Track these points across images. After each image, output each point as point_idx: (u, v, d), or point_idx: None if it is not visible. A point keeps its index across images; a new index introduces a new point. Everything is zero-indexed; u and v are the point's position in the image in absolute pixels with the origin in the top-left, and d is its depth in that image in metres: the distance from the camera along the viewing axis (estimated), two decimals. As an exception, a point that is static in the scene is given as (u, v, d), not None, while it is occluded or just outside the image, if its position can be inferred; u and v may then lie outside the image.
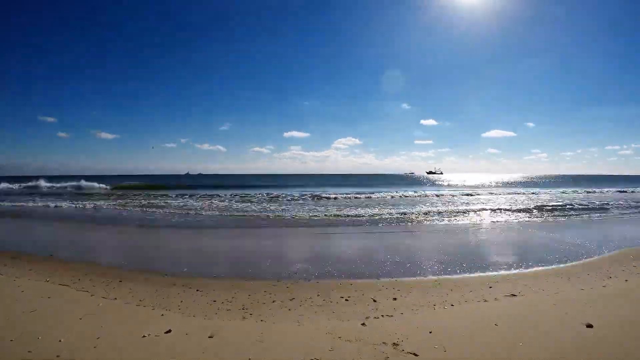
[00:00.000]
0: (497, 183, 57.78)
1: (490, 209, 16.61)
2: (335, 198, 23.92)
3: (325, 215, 14.43)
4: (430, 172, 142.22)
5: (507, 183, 58.79)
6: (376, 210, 15.82)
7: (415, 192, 29.72)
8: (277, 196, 25.15)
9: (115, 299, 4.74)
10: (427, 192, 29.20)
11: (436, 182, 62.80)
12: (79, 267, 6.46)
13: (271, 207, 17.62)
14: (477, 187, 42.61)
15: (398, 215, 14.41)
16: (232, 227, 11.88)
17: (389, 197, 25.60)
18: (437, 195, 26.51)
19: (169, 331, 3.63)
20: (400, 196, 26.17)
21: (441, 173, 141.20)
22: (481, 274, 6.07)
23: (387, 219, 13.34)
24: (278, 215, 14.46)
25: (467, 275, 5.99)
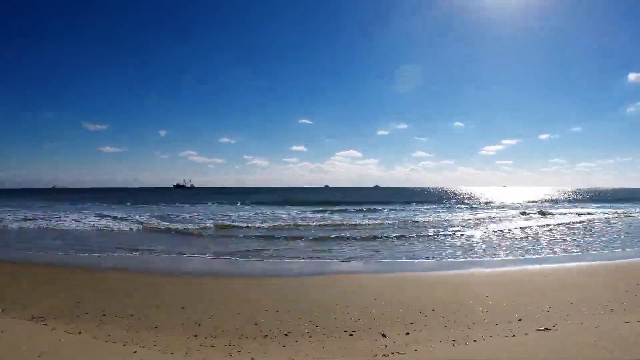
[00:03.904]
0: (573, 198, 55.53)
1: None
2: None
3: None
4: (178, 185, 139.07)
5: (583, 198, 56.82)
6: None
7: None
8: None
9: (80, 333, 4.63)
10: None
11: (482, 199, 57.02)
12: (38, 296, 6.33)
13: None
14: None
15: None
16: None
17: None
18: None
19: (142, 372, 3.50)
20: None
21: (191, 186, 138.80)
22: (509, 301, 5.91)
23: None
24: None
25: (491, 302, 5.83)
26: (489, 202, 44.28)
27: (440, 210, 30.08)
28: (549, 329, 4.65)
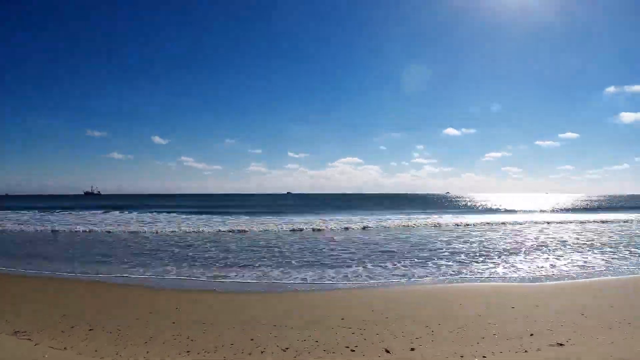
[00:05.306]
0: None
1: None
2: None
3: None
4: (87, 193, 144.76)
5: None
6: None
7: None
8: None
9: (65, 348, 4.51)
10: None
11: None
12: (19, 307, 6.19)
13: None
14: None
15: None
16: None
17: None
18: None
19: (129, 391, 3.38)
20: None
21: (99, 193, 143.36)
22: (520, 315, 5.77)
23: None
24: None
25: (501, 316, 5.70)
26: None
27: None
28: (563, 345, 4.52)
